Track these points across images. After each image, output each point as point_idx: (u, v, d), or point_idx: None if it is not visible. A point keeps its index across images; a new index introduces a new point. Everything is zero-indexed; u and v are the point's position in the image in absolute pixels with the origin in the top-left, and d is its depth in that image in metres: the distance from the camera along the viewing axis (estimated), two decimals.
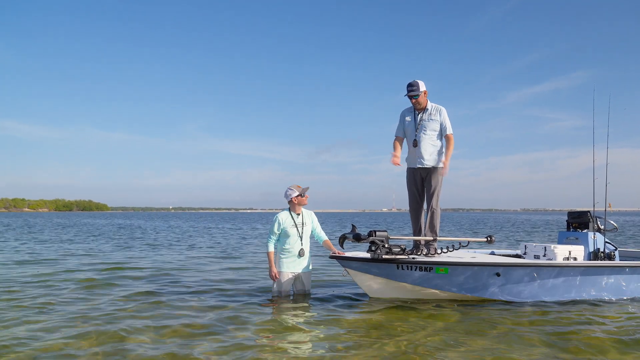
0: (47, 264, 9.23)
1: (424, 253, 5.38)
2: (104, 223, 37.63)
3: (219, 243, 15.56)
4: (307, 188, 5.52)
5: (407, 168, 5.83)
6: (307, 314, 4.85)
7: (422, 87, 5.62)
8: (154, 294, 5.96)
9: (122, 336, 4.01)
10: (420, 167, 5.67)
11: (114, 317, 4.68)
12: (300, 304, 5.22)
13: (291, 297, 5.49)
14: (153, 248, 13.48)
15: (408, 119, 5.83)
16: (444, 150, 5.67)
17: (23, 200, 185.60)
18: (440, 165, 5.64)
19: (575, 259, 5.61)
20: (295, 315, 4.77)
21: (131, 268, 8.60)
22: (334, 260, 5.47)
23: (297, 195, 5.45)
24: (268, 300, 5.54)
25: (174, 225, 34.20)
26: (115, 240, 17.09)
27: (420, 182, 5.73)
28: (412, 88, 5.62)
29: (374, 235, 4.98)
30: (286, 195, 5.51)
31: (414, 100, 5.67)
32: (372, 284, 5.33)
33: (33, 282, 6.89)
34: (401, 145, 5.87)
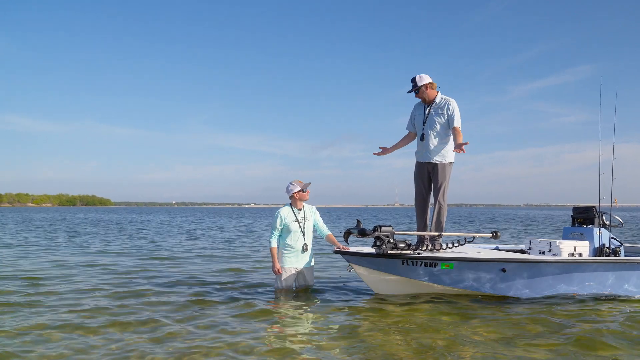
0: None
1: (429, 248, 5.36)
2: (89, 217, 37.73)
3: (221, 237, 15.58)
4: (309, 183, 5.52)
5: (416, 162, 5.81)
6: (310, 309, 4.84)
7: (424, 80, 5.57)
8: (152, 287, 5.96)
9: (119, 332, 4.00)
10: (427, 162, 5.64)
11: (111, 314, 4.68)
12: (303, 299, 5.21)
13: (294, 293, 5.48)
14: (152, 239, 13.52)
15: (417, 112, 5.81)
16: (452, 144, 5.64)
17: (27, 195, 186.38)
18: (448, 160, 5.60)
19: (580, 254, 5.58)
20: (299, 311, 4.75)
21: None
22: (338, 256, 5.46)
23: (299, 191, 5.44)
24: (271, 295, 5.54)
25: (180, 220, 34.27)
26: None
27: (427, 177, 5.70)
28: (412, 84, 5.63)
29: (379, 230, 4.97)
30: (287, 190, 5.51)
31: (416, 95, 5.65)
32: (376, 279, 5.32)
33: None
34: (410, 140, 5.89)
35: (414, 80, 5.61)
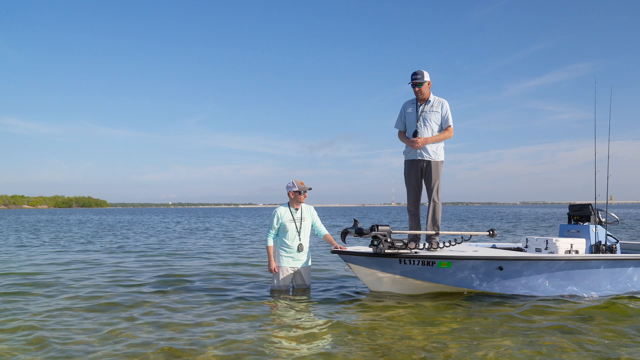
0: None
1: (427, 247, 5.37)
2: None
3: (216, 237, 15.56)
4: (309, 188, 5.51)
5: (406, 160, 5.80)
6: (307, 308, 4.83)
7: (427, 77, 5.60)
8: (143, 287, 5.94)
9: (117, 331, 3.98)
10: (420, 160, 5.65)
11: (107, 311, 4.65)
12: (300, 299, 5.20)
13: (291, 292, 5.48)
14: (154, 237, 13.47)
15: (409, 110, 5.80)
16: (444, 143, 5.66)
17: (22, 197, 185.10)
18: (440, 158, 5.62)
19: (576, 252, 5.59)
20: (295, 310, 4.75)
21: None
22: (335, 255, 5.46)
23: (295, 192, 5.44)
24: (267, 294, 5.53)
25: (181, 220, 34.17)
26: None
27: (420, 175, 5.71)
28: (416, 76, 5.60)
29: (376, 229, 4.97)
30: (286, 187, 5.52)
31: (417, 89, 5.63)
32: (374, 278, 5.32)
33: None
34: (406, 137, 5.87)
35: (419, 73, 5.58)
